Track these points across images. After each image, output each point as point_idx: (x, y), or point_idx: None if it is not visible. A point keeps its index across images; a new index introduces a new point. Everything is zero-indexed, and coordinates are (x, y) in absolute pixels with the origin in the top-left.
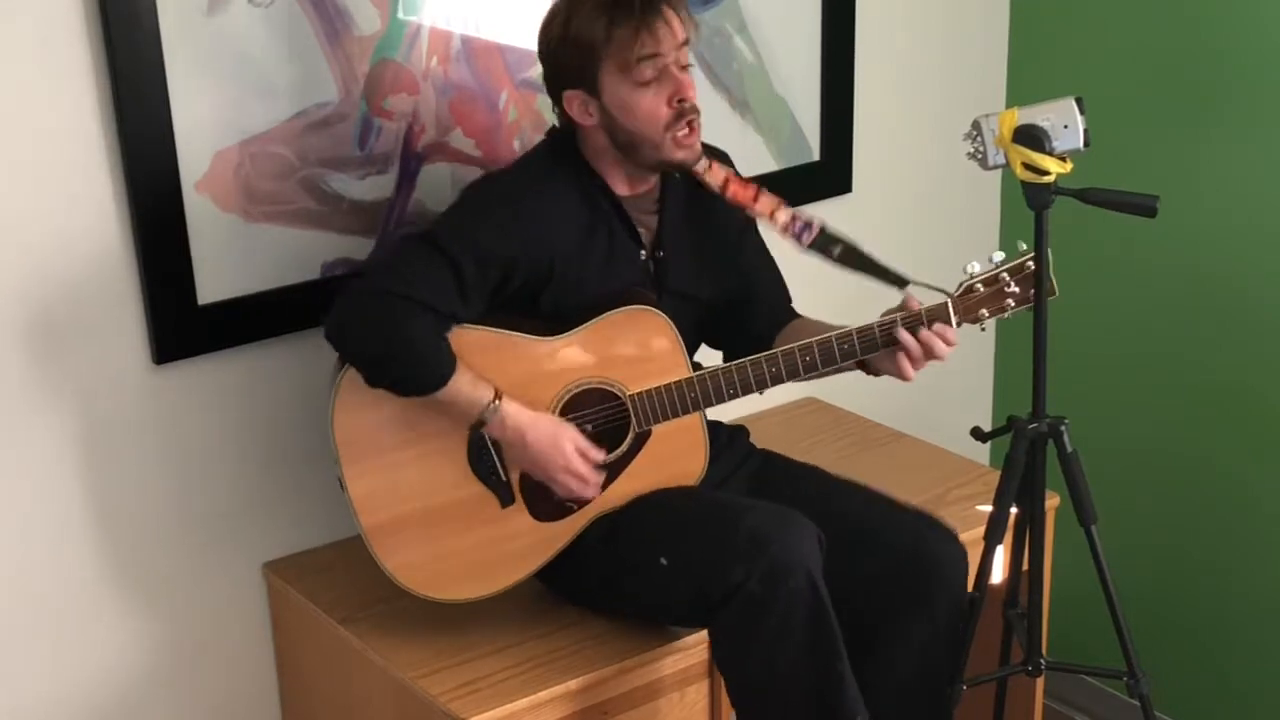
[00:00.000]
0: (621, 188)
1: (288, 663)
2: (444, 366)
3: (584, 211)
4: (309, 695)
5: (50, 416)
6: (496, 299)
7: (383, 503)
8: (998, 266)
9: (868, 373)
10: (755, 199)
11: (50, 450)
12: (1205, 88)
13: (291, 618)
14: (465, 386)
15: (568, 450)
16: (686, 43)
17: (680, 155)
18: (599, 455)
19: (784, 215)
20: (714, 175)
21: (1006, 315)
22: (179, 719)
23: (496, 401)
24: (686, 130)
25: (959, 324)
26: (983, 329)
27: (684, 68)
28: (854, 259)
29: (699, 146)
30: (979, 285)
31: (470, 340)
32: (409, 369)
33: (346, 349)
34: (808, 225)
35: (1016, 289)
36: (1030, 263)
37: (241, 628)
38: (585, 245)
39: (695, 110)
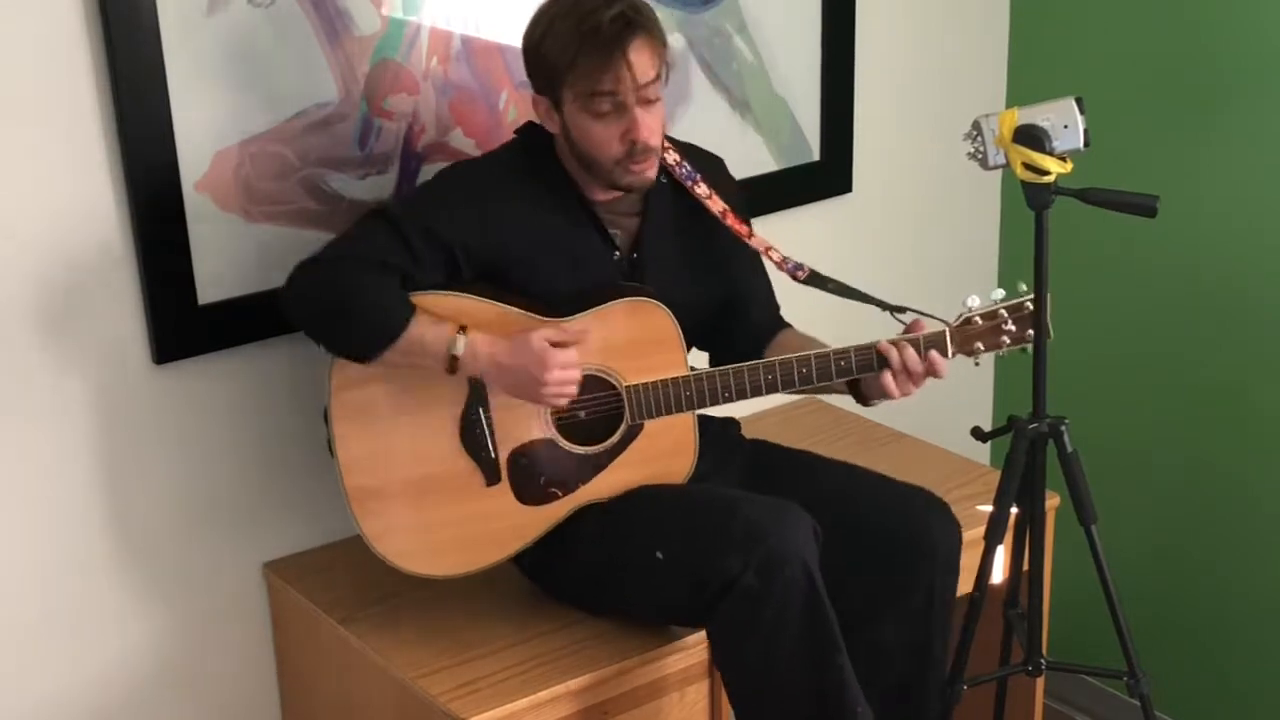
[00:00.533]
0: (594, 192)
1: (288, 663)
2: (401, 310)
3: (548, 212)
4: (309, 695)
5: (50, 417)
6: (456, 279)
7: (369, 467)
8: (997, 304)
9: (858, 399)
10: (750, 235)
11: (50, 451)
12: (1205, 88)
13: (291, 618)
14: (428, 328)
15: (541, 349)
16: (656, 79)
17: (628, 181)
18: (576, 335)
19: (776, 254)
20: (714, 204)
21: (1002, 353)
22: (179, 718)
23: (462, 335)
24: (640, 163)
25: (954, 354)
26: (977, 363)
27: (649, 102)
28: (848, 291)
29: (651, 176)
30: (977, 319)
31: (470, 308)
32: (366, 314)
33: (298, 308)
34: (800, 264)
35: (1013, 328)
36: (1029, 304)
37: (241, 628)
38: (547, 244)
39: (649, 149)
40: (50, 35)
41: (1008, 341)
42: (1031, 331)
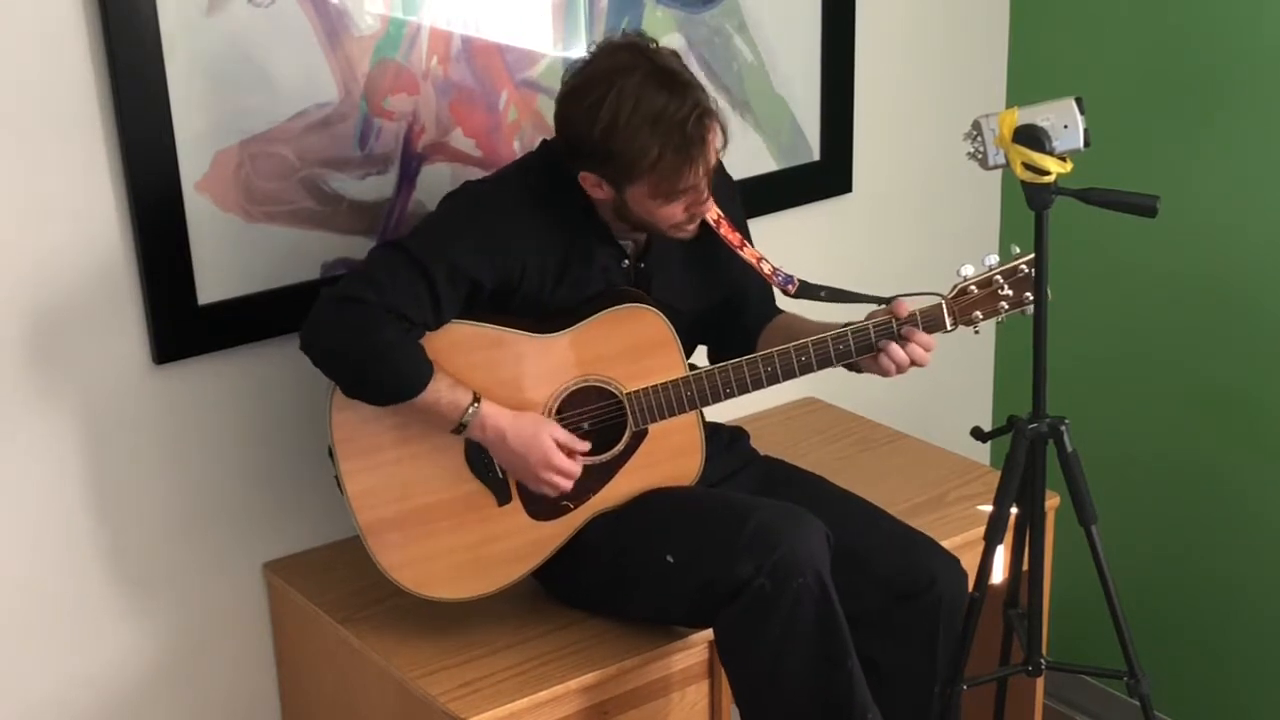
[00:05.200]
0: (611, 221)
1: (288, 663)
2: (422, 370)
3: (563, 232)
4: (309, 695)
5: (51, 417)
6: (467, 306)
7: (380, 500)
8: (991, 270)
9: (850, 369)
10: (741, 246)
11: (50, 450)
12: (1205, 88)
13: (291, 618)
14: (444, 390)
15: (548, 446)
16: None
17: (677, 237)
18: (582, 446)
19: (767, 266)
20: (709, 211)
21: (1000, 319)
22: (179, 718)
23: (476, 404)
24: (693, 224)
25: (953, 326)
26: (976, 331)
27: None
28: (840, 295)
29: (695, 230)
30: (972, 288)
31: (466, 336)
32: (386, 374)
33: (321, 356)
34: (790, 277)
35: (1010, 292)
36: (1024, 266)
37: (241, 628)
38: (562, 262)
39: (705, 212)
40: (50, 35)
41: (1005, 307)
42: (1029, 294)
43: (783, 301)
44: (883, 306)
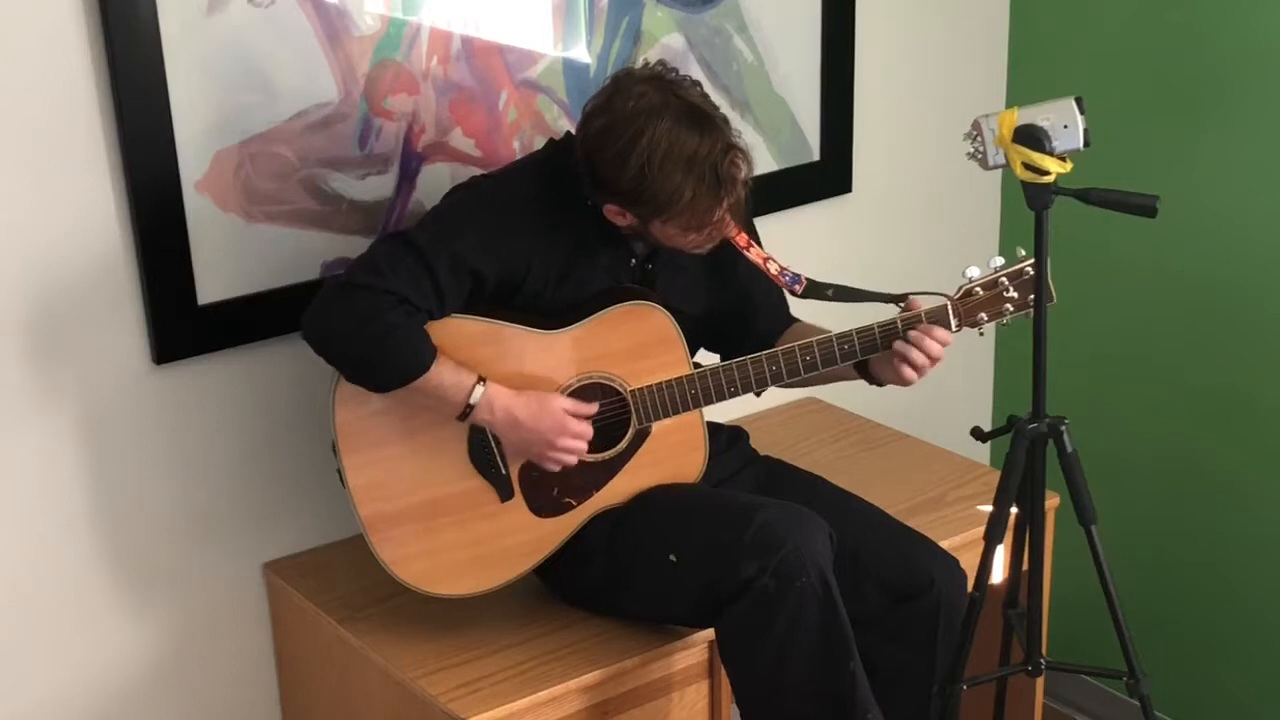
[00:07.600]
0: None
1: (288, 663)
2: (425, 353)
3: (572, 232)
4: (309, 695)
5: (50, 416)
6: (470, 301)
7: (381, 495)
8: (996, 271)
9: (871, 381)
10: (748, 246)
11: (50, 450)
12: (1205, 88)
13: (291, 618)
14: (448, 373)
15: (559, 414)
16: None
17: (694, 252)
18: (590, 409)
19: (774, 266)
20: (731, 232)
21: (1005, 321)
22: (179, 718)
23: (481, 385)
24: (712, 243)
25: (958, 327)
26: (980, 333)
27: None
28: (848, 294)
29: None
30: (978, 289)
31: (470, 332)
32: (390, 357)
33: (324, 342)
34: (797, 276)
35: (1015, 294)
36: (1029, 268)
37: (241, 628)
38: (567, 261)
39: (727, 234)
40: (50, 35)
41: (1010, 309)
42: (1034, 297)
43: (794, 307)
44: (900, 309)
